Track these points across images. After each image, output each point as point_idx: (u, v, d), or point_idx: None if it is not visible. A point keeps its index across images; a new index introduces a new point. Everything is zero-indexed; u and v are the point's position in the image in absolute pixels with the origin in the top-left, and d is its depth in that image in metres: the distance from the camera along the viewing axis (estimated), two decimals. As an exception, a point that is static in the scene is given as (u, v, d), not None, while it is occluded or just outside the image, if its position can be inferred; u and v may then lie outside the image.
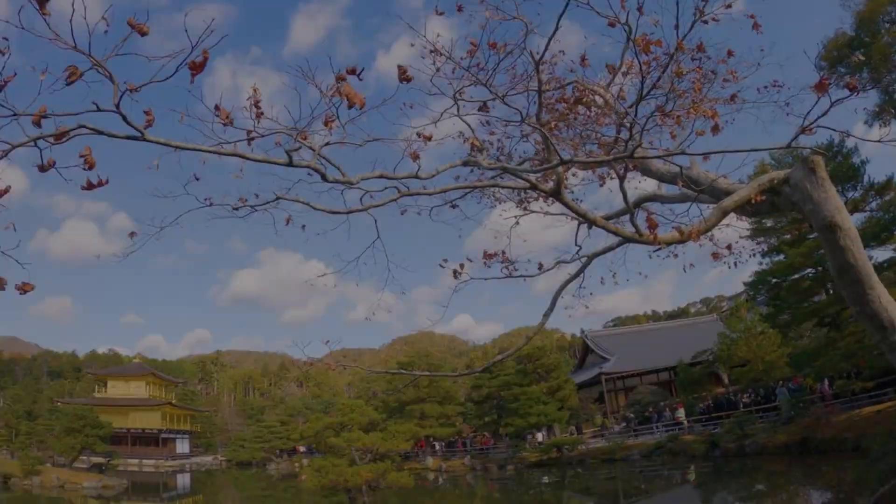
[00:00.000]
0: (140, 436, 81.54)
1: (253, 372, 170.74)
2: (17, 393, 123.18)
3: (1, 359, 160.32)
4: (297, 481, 54.17)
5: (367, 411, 27.83)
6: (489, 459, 55.08)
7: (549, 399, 52.32)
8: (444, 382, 63.11)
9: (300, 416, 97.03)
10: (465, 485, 44.37)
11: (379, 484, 23.28)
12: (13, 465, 46.25)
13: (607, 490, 32.89)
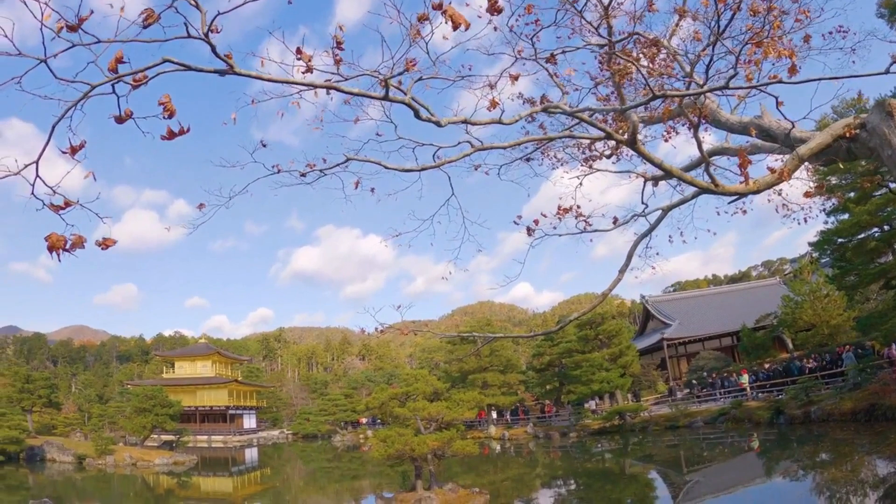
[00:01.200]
0: (208, 413, 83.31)
1: (315, 347, 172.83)
2: (88, 378, 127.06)
3: (71, 347, 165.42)
4: (361, 452, 54.95)
5: (432, 381, 27.85)
6: (551, 427, 55.11)
7: (611, 366, 52.02)
8: (506, 351, 63.10)
9: (363, 388, 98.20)
10: (528, 453, 44.49)
11: (444, 452, 23.38)
12: (87, 446, 47.67)
13: (669, 458, 32.69)
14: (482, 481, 28.13)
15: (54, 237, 4.55)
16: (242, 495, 32.31)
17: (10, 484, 34.74)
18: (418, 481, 23.01)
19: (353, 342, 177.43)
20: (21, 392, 60.53)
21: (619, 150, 10.59)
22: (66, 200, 4.76)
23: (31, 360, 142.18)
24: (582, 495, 25.04)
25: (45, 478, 37.46)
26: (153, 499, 31.65)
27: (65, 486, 34.38)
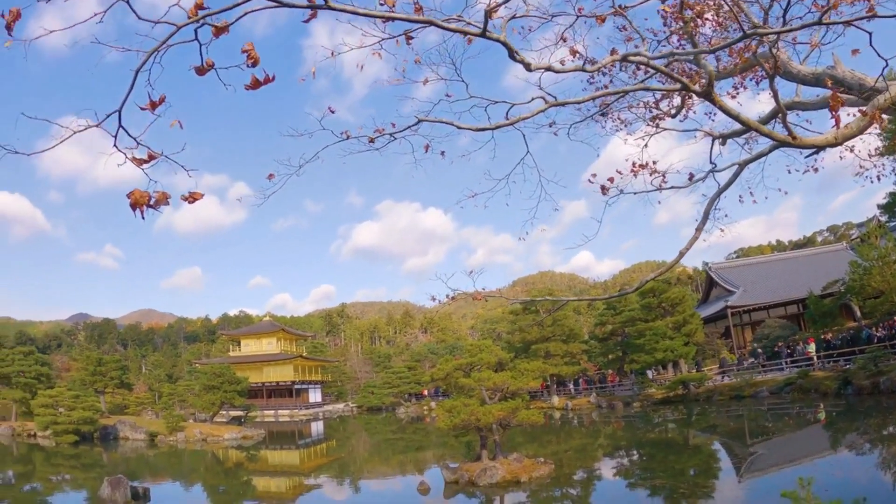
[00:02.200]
0: (275, 388, 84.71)
1: (378, 321, 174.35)
2: (157, 359, 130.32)
3: (140, 330, 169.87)
4: (425, 423, 55.39)
5: (496, 350, 27.82)
6: (615, 397, 54.94)
7: (674, 334, 51.40)
8: (568, 321, 62.87)
9: (426, 361, 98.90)
10: (590, 423, 44.42)
11: (509, 422, 23.44)
12: (158, 423, 48.93)
13: (733, 429, 32.34)
14: (545, 451, 28.21)
15: (137, 193, 4.45)
16: (309, 467, 32.90)
17: (85, 462, 35.88)
18: (483, 451, 23.16)
19: (415, 315, 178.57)
20: (94, 375, 62.47)
21: (685, 108, 10.38)
22: (150, 153, 4.64)
23: (102, 344, 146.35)
24: (645, 466, 24.96)
25: (119, 455, 38.59)
26: (223, 472, 32.41)
27: (138, 463, 35.40)
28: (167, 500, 23.70)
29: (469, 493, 20.98)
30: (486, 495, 20.50)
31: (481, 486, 21.24)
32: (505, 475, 21.69)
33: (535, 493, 20.30)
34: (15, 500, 25.00)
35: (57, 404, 45.51)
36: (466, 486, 21.68)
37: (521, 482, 21.35)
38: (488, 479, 21.46)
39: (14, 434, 48.92)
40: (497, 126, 7.23)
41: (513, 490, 20.79)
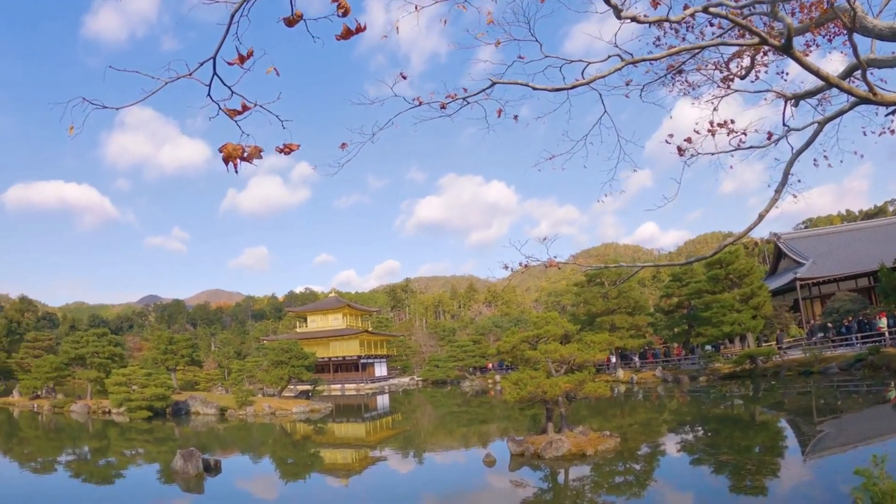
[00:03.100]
0: (341, 363, 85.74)
1: (442, 296, 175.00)
2: (226, 337, 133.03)
3: (208, 309, 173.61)
4: (490, 397, 55.50)
5: (562, 322, 27.59)
6: (680, 371, 54.28)
7: (742, 307, 50.24)
8: (634, 293, 62.09)
9: (490, 334, 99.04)
10: (655, 397, 44.01)
11: (575, 395, 23.29)
12: (228, 398, 49.91)
13: (800, 406, 31.67)
14: (610, 425, 28.03)
15: (230, 147, 4.36)
16: (375, 440, 33.24)
17: (158, 437, 36.81)
18: (549, 424, 23.11)
19: (479, 289, 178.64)
20: (165, 353, 64.23)
21: (754, 68, 10.06)
22: (244, 103, 4.51)
23: (172, 324, 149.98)
24: (710, 442, 24.62)
25: (190, 429, 39.48)
26: (291, 444, 32.94)
27: (208, 436, 36.18)
28: (237, 471, 24.18)
29: (534, 466, 20.96)
30: (552, 468, 20.45)
31: (547, 459, 21.20)
32: (571, 448, 21.61)
33: (600, 466, 20.20)
34: (91, 473, 25.78)
35: (130, 382, 46.82)
36: (532, 459, 21.67)
37: (586, 455, 21.26)
38: (554, 451, 21.40)
39: (90, 411, 50.45)
40: (574, 85, 7.12)
41: (578, 463, 20.70)
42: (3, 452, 33.30)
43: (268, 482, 22.48)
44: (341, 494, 19.47)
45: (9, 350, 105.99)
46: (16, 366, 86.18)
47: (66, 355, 59.54)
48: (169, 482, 21.96)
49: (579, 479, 19.22)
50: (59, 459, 29.67)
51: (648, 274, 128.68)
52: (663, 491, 16.92)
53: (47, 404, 54.97)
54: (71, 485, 23.74)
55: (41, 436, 39.66)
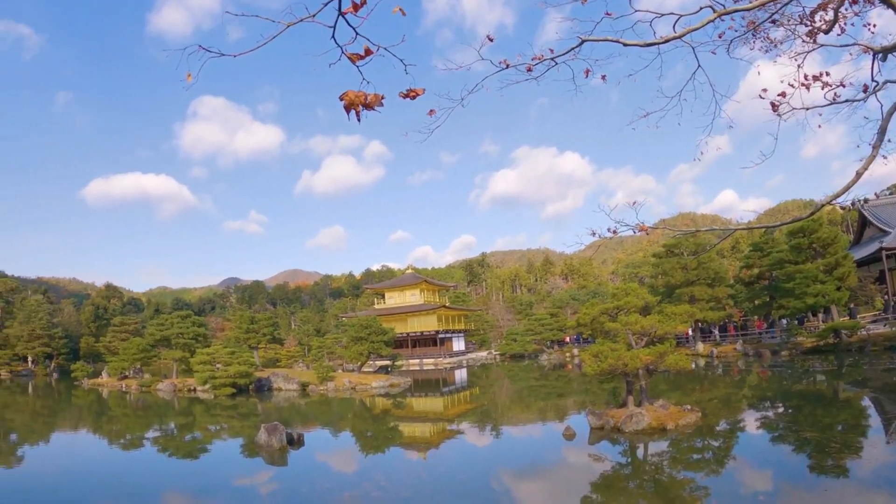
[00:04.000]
0: (419, 338, 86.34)
1: (518, 270, 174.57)
2: (305, 315, 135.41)
3: (287, 289, 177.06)
4: (567, 371, 55.14)
5: (642, 293, 27.03)
6: (762, 345, 52.95)
7: (826, 277, 48.59)
8: (713, 263, 60.49)
9: (567, 307, 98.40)
10: (736, 371, 43.07)
11: (656, 367, 22.87)
12: (309, 374, 50.71)
13: (886, 383, 30.47)
14: (689, 400, 27.51)
15: (351, 94, 4.26)
16: (453, 413, 33.30)
17: (242, 412, 37.57)
18: (629, 397, 22.77)
19: (555, 262, 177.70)
20: (247, 332, 65.80)
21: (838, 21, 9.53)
22: (367, 47, 4.37)
23: (253, 304, 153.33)
24: (791, 419, 23.89)
25: (273, 405, 40.19)
26: (371, 418, 33.26)
27: (290, 411, 36.76)
28: (319, 444, 24.49)
29: (613, 440, 20.68)
30: (631, 442, 20.14)
31: (627, 433, 20.90)
32: (651, 422, 21.26)
33: (678, 442, 19.81)
34: (177, 448, 26.42)
35: (214, 361, 48.02)
36: (611, 433, 21.39)
37: (666, 430, 20.88)
38: (634, 425, 21.09)
39: (175, 390, 51.80)
40: (666, 39, 6.88)
41: (658, 438, 20.35)
42: (94, 430, 34.43)
43: (348, 455, 22.69)
44: (419, 468, 19.50)
45: (97, 335, 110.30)
46: (104, 349, 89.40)
47: (152, 337, 61.38)
48: (252, 455, 22.35)
49: (658, 454, 18.87)
50: (146, 436, 30.53)
51: (728, 244, 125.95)
52: (742, 469, 16.48)
53: (135, 384, 56.71)
54: (158, 459, 24.38)
55: (129, 414, 40.87)
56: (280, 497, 16.20)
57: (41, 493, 18.58)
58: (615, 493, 14.97)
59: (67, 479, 20.87)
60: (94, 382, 63.57)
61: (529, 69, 6.66)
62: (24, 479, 21.28)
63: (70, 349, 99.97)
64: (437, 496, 15.45)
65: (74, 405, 49.15)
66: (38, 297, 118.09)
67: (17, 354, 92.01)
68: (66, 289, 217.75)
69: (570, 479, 16.78)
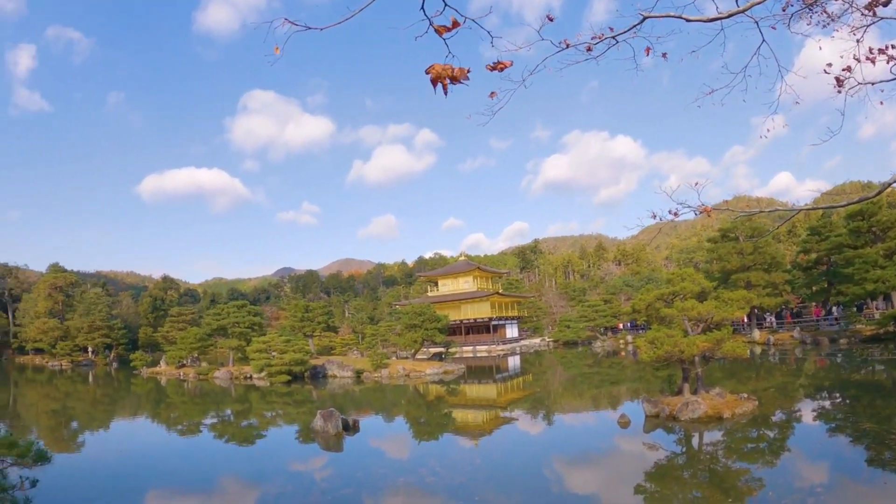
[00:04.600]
0: (472, 325, 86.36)
1: (571, 256, 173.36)
2: (359, 303, 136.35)
3: (341, 278, 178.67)
4: (620, 358, 54.75)
5: (698, 279, 26.56)
6: (819, 332, 51.83)
7: (886, 262, 47.32)
8: (770, 248, 59.23)
9: (620, 293, 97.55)
10: (793, 359, 42.34)
11: (713, 354, 22.60)
12: (363, 361, 51.17)
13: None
14: (745, 388, 27.13)
15: (438, 67, 4.30)
16: (506, 400, 33.33)
17: (297, 399, 38.08)
18: (685, 385, 22.57)
19: (608, 248, 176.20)
20: (302, 321, 66.85)
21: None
22: (454, 19, 4.41)
23: (307, 293, 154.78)
24: (849, 409, 23.42)
25: (327, 392, 40.64)
26: (425, 405, 33.49)
27: (344, 398, 37.16)
28: (374, 430, 24.73)
29: (668, 428, 20.53)
30: (686, 431, 19.97)
31: (682, 421, 20.74)
32: (707, 410, 21.06)
33: (733, 431, 19.59)
34: (234, 434, 26.88)
35: (270, 349, 48.75)
36: (667, 421, 21.24)
37: (723, 419, 20.67)
38: (690, 413, 20.91)
39: (232, 378, 52.63)
40: (730, 14, 6.74)
41: (713, 427, 20.15)
42: (153, 417, 35.19)
43: (402, 441, 22.89)
44: (473, 454, 19.58)
45: (155, 325, 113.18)
46: (162, 339, 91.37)
47: (209, 327, 62.45)
48: (308, 441, 22.69)
49: (713, 443, 18.68)
50: (204, 422, 31.17)
51: (784, 228, 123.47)
52: (798, 460, 16.25)
53: (192, 372, 57.76)
54: (215, 445, 24.86)
55: (187, 401, 41.65)
56: (336, 482, 16.41)
57: (102, 478, 19.09)
58: (669, 483, 14.88)
59: (127, 464, 21.40)
60: (153, 371, 64.87)
61: (589, 49, 6.59)
62: (86, 464, 21.88)
63: (129, 339, 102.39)
64: (491, 482, 15.52)
65: (134, 393, 50.31)
66: (98, 289, 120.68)
67: (78, 345, 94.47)
68: (124, 281, 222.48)
69: (623, 468, 16.72)
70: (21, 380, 69.34)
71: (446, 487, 15.16)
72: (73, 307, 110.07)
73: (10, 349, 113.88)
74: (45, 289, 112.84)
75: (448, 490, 14.93)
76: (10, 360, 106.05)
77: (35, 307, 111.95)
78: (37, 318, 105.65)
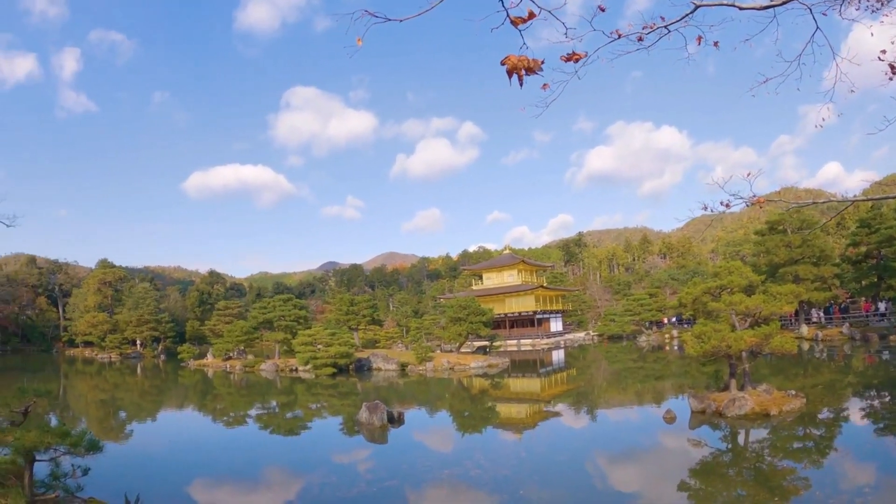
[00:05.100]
0: (516, 319, 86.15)
1: (615, 249, 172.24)
2: (403, 297, 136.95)
3: (385, 272, 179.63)
4: (665, 352, 54.32)
5: (746, 272, 26.19)
6: (869, 328, 50.82)
7: (939, 256, 46.45)
8: (818, 241, 57.95)
9: (666, 287, 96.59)
10: (841, 356, 41.64)
11: (761, 350, 22.32)
12: (408, 355, 51.50)
13: None
14: (792, 385, 26.77)
15: (514, 59, 4.36)
16: (550, 394, 33.32)
17: (342, 391, 38.49)
18: (732, 380, 22.37)
19: (653, 241, 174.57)
20: (347, 314, 67.38)
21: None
22: (531, 11, 4.47)
23: (351, 287, 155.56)
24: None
25: (372, 384, 40.97)
26: (469, 398, 33.61)
27: (389, 391, 37.45)
28: (418, 423, 24.91)
29: (714, 425, 20.39)
30: (732, 428, 19.82)
31: (728, 418, 20.59)
32: (754, 407, 20.86)
33: (779, 429, 19.38)
34: (279, 425, 27.24)
35: (315, 342, 49.30)
36: (713, 417, 21.10)
37: (770, 416, 20.46)
38: (737, 410, 20.74)
39: (278, 370, 53.31)
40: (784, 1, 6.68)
41: (760, 424, 19.95)
42: (200, 408, 35.83)
43: (447, 434, 23.04)
44: (518, 448, 19.65)
45: (201, 318, 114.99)
46: (209, 332, 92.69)
47: (255, 320, 63.35)
48: (353, 433, 22.94)
49: (759, 441, 18.50)
50: (250, 413, 31.65)
51: (833, 220, 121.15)
52: (844, 461, 16.03)
53: (239, 364, 58.63)
54: (261, 436, 25.25)
55: (233, 393, 42.24)
56: (380, 473, 16.59)
57: (150, 467, 19.50)
58: (713, 480, 14.80)
59: (175, 453, 21.87)
60: (200, 363, 65.90)
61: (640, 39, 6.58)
62: (134, 453, 22.36)
63: (176, 332, 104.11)
64: (535, 476, 15.58)
65: (181, 385, 51.24)
66: (146, 284, 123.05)
67: (127, 338, 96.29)
68: (171, 276, 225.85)
69: (667, 464, 16.67)
70: (71, 372, 70.75)
71: (491, 480, 15.25)
72: (121, 301, 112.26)
73: (61, 342, 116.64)
74: (94, 284, 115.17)
75: (492, 483, 15.02)
76: (61, 353, 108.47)
77: (85, 301, 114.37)
78: (86, 312, 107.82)
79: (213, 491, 15.95)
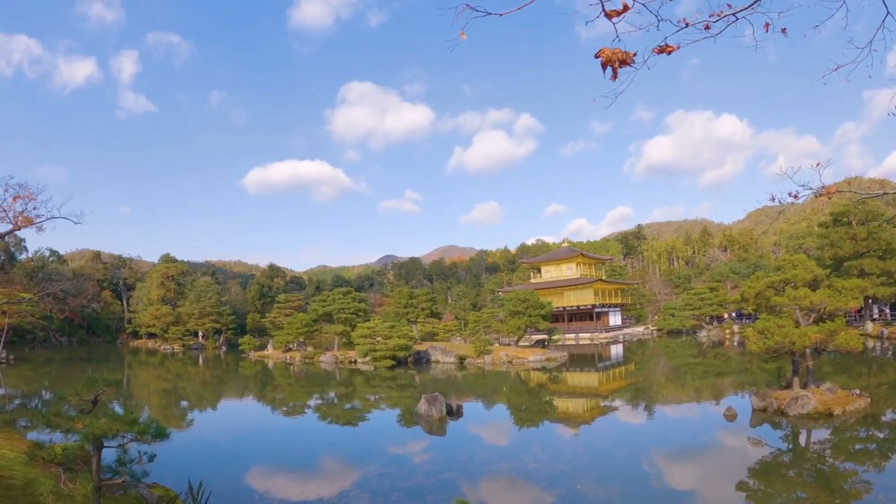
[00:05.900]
0: (575, 312, 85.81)
1: (675, 241, 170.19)
2: (461, 290, 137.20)
3: (443, 265, 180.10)
4: (726, 348, 53.57)
5: (811, 266, 25.61)
6: (939, 325, 49.58)
7: None
8: (884, 233, 56.25)
9: (727, 281, 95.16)
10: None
11: (825, 347, 21.88)
12: (466, 347, 51.71)
13: None
14: (856, 384, 26.19)
15: (608, 52, 4.53)
16: (607, 389, 33.18)
17: (400, 383, 38.83)
18: (795, 378, 22.04)
19: (714, 233, 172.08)
20: (406, 307, 68.21)
21: None
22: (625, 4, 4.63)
23: (410, 280, 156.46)
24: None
25: (430, 377, 41.24)
26: (526, 392, 33.68)
27: (447, 383, 37.66)
28: (477, 416, 25.08)
29: (776, 424, 20.15)
30: (794, 427, 19.56)
31: (791, 417, 20.32)
32: (817, 406, 20.55)
33: (841, 430, 19.03)
34: (337, 416, 27.63)
35: (374, 334, 49.94)
36: (774, 415, 20.85)
37: (833, 415, 20.13)
38: (799, 408, 20.46)
39: (337, 362, 54.01)
40: None
41: (822, 423, 19.64)
42: (260, 399, 36.49)
43: (504, 427, 23.15)
44: (576, 442, 19.66)
45: (262, 311, 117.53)
46: (269, 324, 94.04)
47: (315, 312, 64.37)
48: (411, 425, 23.19)
49: (821, 441, 18.23)
50: (308, 404, 32.20)
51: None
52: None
53: (298, 356, 59.50)
54: (320, 426, 25.65)
55: (293, 384, 42.87)
56: (438, 465, 16.77)
57: (211, 454, 20.02)
58: (773, 481, 14.65)
59: (235, 441, 22.43)
60: (260, 355, 66.91)
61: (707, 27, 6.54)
62: (196, 440, 22.96)
63: (237, 324, 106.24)
64: (591, 472, 15.61)
65: (241, 375, 52.14)
66: (207, 278, 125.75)
67: (189, 330, 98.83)
68: (232, 270, 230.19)
69: (726, 463, 16.54)
70: (135, 362, 72.47)
71: (548, 475, 15.33)
72: (184, 294, 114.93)
73: (125, 334, 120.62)
74: (157, 278, 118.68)
75: (549, 477, 15.09)
76: (125, 344, 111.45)
77: (148, 295, 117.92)
78: (150, 305, 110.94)
79: (272, 479, 16.29)
